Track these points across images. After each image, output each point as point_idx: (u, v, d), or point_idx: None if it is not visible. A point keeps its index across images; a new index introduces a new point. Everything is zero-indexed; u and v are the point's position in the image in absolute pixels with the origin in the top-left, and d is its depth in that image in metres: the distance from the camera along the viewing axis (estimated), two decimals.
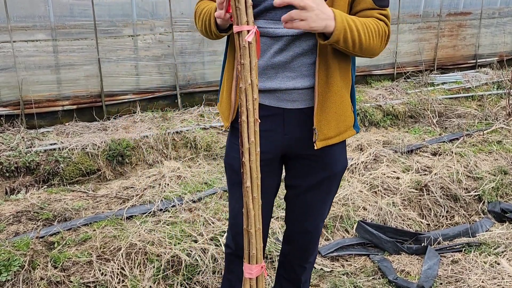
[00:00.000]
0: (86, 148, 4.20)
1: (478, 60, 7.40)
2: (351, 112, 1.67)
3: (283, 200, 2.03)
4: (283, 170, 1.83)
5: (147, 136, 4.48)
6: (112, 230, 2.81)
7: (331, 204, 1.86)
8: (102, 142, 4.29)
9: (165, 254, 2.61)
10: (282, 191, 1.92)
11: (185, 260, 2.59)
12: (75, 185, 3.76)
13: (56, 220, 2.96)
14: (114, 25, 4.79)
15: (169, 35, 5.07)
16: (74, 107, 4.77)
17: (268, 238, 2.37)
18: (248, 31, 1.31)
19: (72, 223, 2.89)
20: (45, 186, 3.73)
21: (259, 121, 1.38)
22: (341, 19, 1.41)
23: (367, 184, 3.51)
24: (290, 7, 1.39)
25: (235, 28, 1.33)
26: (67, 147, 4.13)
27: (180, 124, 4.80)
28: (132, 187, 3.44)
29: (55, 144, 4.21)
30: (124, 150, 4.29)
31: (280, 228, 2.97)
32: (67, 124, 4.72)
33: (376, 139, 4.39)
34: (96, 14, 4.66)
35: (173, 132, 4.58)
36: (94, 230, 2.82)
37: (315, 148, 1.61)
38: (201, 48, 5.27)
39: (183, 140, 4.60)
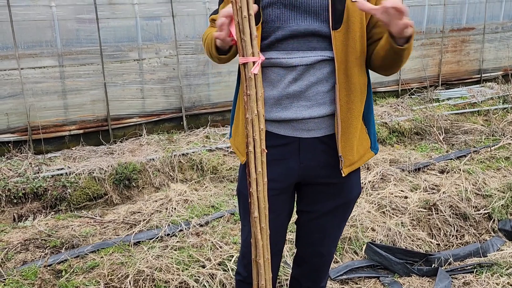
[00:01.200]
0: (93, 173, 4.21)
1: (483, 75, 7.39)
2: (366, 134, 1.67)
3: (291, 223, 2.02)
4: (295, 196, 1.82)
5: (153, 159, 4.49)
6: (120, 256, 2.80)
7: (344, 228, 1.85)
8: (108, 166, 4.31)
9: (173, 280, 2.59)
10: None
11: (193, 286, 2.57)
12: (82, 210, 3.76)
13: (64, 247, 2.95)
14: (119, 49, 4.85)
15: (174, 58, 5.12)
16: (81, 131, 4.80)
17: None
18: (254, 63, 1.32)
19: (80, 250, 2.88)
20: (53, 212, 3.73)
21: (266, 151, 1.38)
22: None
23: (375, 204, 3.48)
24: (302, 36, 1.45)
25: (241, 60, 1.34)
26: (74, 172, 4.14)
27: (186, 146, 4.81)
28: (139, 212, 3.44)
29: (62, 169, 4.22)
30: (130, 173, 4.30)
31: (288, 251, 2.94)
32: (74, 148, 4.75)
33: (383, 158, 4.37)
34: (102, 38, 4.72)
35: (179, 155, 4.59)
36: (102, 257, 2.81)
37: (343, 175, 1.60)
38: (206, 70, 5.31)
39: (189, 162, 4.61)
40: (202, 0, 5.15)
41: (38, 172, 4.09)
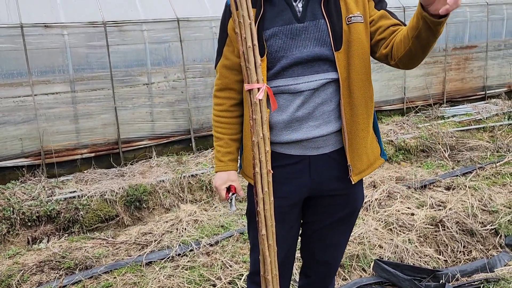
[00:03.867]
0: (105, 195, 4.30)
1: (487, 92, 7.46)
2: (376, 142, 1.77)
3: None
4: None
5: (163, 181, 4.58)
6: (132, 277, 2.87)
7: (349, 236, 1.93)
8: (120, 188, 4.40)
9: None
10: None
11: None
12: (95, 232, 3.84)
13: (78, 268, 3.03)
14: (129, 74, 4.99)
15: (182, 81, 5.25)
16: (92, 154, 4.92)
17: None
18: (258, 89, 1.42)
19: (93, 271, 2.95)
20: (66, 234, 3.82)
21: (272, 172, 1.46)
22: None
23: (382, 221, 3.53)
24: (306, 62, 1.56)
25: (246, 87, 1.43)
26: (86, 195, 4.24)
27: (195, 168, 4.90)
28: (150, 233, 3.51)
29: (74, 192, 4.32)
30: (141, 195, 4.39)
31: (297, 269, 2.99)
32: (85, 171, 4.85)
33: (389, 175, 4.42)
34: (112, 64, 4.87)
35: (189, 176, 4.68)
36: (115, 277, 2.87)
37: (353, 182, 1.69)
38: None
39: (199, 183, 4.69)
40: (209, 25, 5.30)
41: (51, 195, 4.19)
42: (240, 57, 1.44)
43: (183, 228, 3.49)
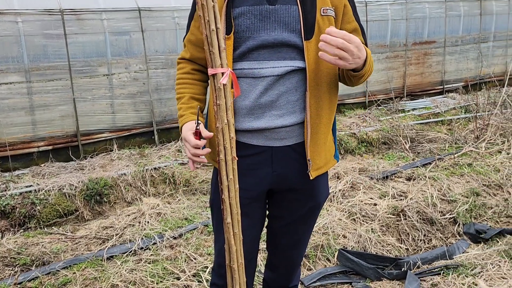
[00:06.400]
0: (63, 189, 4.15)
1: (445, 86, 7.68)
2: (333, 142, 1.74)
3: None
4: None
5: (125, 174, 4.46)
6: (93, 272, 2.78)
7: (312, 230, 1.91)
8: (79, 182, 4.26)
9: None
10: None
11: None
12: (53, 227, 3.70)
13: (34, 264, 2.91)
14: (88, 64, 4.83)
15: (144, 73, 5.13)
16: (50, 147, 4.74)
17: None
18: (223, 74, 1.38)
19: (51, 267, 2.84)
20: (22, 230, 3.66)
21: (237, 158, 1.42)
22: (370, 58, 1.53)
23: (345, 212, 3.56)
24: (272, 46, 1.52)
25: (210, 71, 1.39)
26: (43, 189, 4.08)
27: (158, 160, 4.81)
28: (111, 227, 3.42)
29: (30, 186, 4.15)
30: (102, 189, 4.26)
31: (262, 261, 2.98)
32: (42, 165, 4.67)
33: (352, 167, 4.48)
34: (70, 54, 4.70)
35: (151, 169, 4.58)
36: (74, 273, 2.78)
37: (311, 178, 1.65)
38: None
39: (162, 176, 4.60)
40: (171, 16, 5.20)
41: (5, 190, 4.01)
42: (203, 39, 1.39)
43: (145, 221, 3.41)
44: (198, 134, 1.52)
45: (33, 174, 4.47)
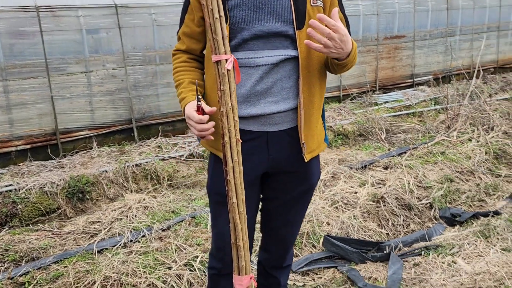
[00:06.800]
0: (44, 187, 4.12)
1: (415, 79, 7.93)
2: (322, 126, 1.84)
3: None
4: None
5: (106, 171, 4.46)
6: (84, 265, 2.80)
7: (305, 212, 2.00)
8: (60, 180, 4.23)
9: (141, 283, 2.63)
10: None
11: (161, 287, 2.62)
12: (38, 224, 3.68)
13: (24, 260, 2.90)
14: (66, 62, 4.79)
15: (122, 70, 5.12)
16: (28, 146, 4.68)
17: None
18: (226, 60, 1.45)
19: (41, 262, 2.84)
20: (6, 228, 3.62)
21: (241, 141, 1.50)
22: (355, 48, 1.62)
23: (328, 200, 3.68)
24: (266, 36, 1.59)
25: (214, 58, 1.45)
26: (24, 188, 4.03)
27: (139, 157, 4.82)
28: (98, 222, 3.43)
29: (10, 185, 4.10)
30: (83, 186, 4.25)
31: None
32: (21, 164, 4.62)
33: (332, 158, 4.61)
34: (47, 51, 4.65)
35: (133, 165, 4.59)
36: (66, 266, 2.79)
37: (305, 160, 1.75)
38: (155, 81, 5.35)
39: (143, 172, 4.61)
40: (149, 12, 5.21)
41: None
42: (206, 28, 1.46)
43: (133, 215, 3.44)
44: (200, 110, 1.57)
45: (12, 173, 4.41)
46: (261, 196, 1.95)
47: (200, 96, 1.57)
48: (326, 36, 1.49)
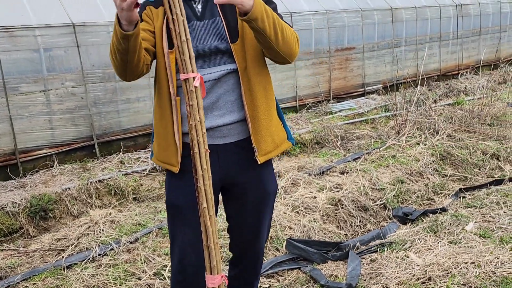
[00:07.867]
0: (5, 207, 4.09)
1: (366, 88, 8.32)
2: (282, 127, 1.99)
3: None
4: (222, 205, 2.09)
5: (69, 188, 4.47)
6: (54, 280, 2.84)
7: (269, 223, 2.13)
8: (22, 199, 4.21)
9: None
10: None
11: None
12: (3, 244, 3.66)
13: None
14: (23, 81, 4.78)
15: (81, 88, 5.15)
16: None
17: None
18: (194, 78, 1.60)
19: (10, 280, 2.86)
20: None
21: (209, 151, 1.65)
22: (259, 2, 1.66)
23: (289, 206, 3.86)
24: (207, 55, 1.76)
25: (182, 76, 1.60)
26: None
27: (102, 173, 4.85)
28: (65, 238, 3.46)
29: None
30: (46, 204, 4.24)
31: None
32: None
33: (291, 166, 4.81)
34: (4, 71, 4.63)
35: (96, 181, 4.62)
36: (35, 283, 2.82)
37: (259, 162, 1.88)
38: (114, 97, 5.40)
39: (107, 188, 4.65)
40: (106, 30, 5.28)
41: None
42: (174, 49, 1.61)
43: (100, 229, 3.49)
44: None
45: None
46: (226, 215, 2.08)
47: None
48: None
